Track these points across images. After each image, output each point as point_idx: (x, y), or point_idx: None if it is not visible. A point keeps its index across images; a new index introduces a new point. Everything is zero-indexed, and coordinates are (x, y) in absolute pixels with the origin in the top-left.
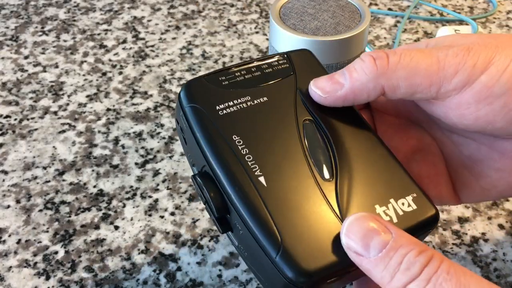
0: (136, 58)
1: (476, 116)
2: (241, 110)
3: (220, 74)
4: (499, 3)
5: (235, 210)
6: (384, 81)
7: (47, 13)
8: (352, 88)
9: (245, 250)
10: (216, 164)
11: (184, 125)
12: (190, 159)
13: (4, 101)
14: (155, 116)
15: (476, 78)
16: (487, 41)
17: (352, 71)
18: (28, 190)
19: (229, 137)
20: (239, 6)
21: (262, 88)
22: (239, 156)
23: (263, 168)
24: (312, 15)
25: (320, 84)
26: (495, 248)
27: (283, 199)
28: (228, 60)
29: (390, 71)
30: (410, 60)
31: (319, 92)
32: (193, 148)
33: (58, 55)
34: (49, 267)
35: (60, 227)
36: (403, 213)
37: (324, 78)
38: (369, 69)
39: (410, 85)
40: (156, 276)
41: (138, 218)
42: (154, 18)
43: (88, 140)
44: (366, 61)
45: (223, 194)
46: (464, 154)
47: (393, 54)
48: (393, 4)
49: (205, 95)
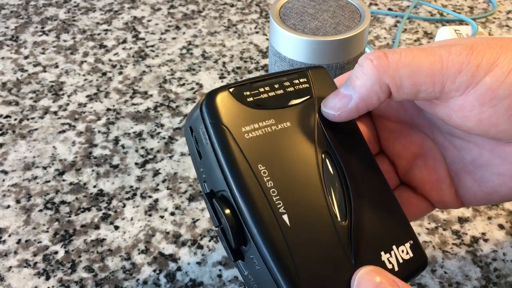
0: (136, 58)
1: (480, 118)
2: (266, 135)
3: (244, 87)
4: (499, 3)
5: (256, 246)
6: (387, 79)
7: (47, 13)
8: (360, 97)
9: (256, 282)
10: (240, 195)
11: (205, 141)
12: (203, 175)
13: (4, 101)
14: (155, 116)
15: (480, 79)
16: (490, 42)
17: (354, 80)
18: (28, 190)
19: (255, 165)
20: (239, 6)
21: (286, 111)
22: (265, 189)
23: (287, 205)
24: (312, 15)
25: (330, 104)
26: (495, 248)
27: (304, 240)
28: (228, 60)
29: (392, 69)
30: (412, 58)
31: (332, 111)
32: (211, 167)
33: (58, 55)
34: (49, 267)
35: (60, 227)
36: (402, 261)
37: (331, 96)
38: (370, 71)
39: (414, 83)
40: (156, 276)
41: (138, 218)
42: (154, 18)
43: (88, 140)
44: (364, 65)
45: (243, 225)
46: (466, 159)
47: (392, 52)
48: (393, 4)
49: (231, 112)
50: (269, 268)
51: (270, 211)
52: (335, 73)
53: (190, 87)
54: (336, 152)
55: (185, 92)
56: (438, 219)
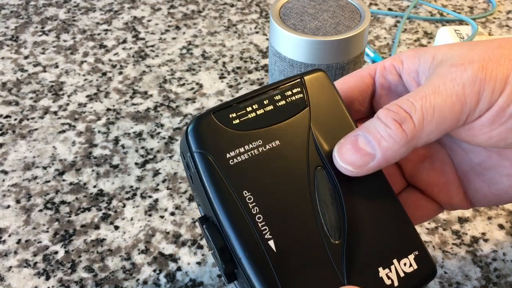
0: (136, 58)
1: (489, 136)
2: (252, 158)
3: (230, 109)
4: (499, 3)
5: (243, 272)
6: (415, 142)
7: (47, 13)
8: (385, 157)
9: None
10: (225, 223)
11: (192, 169)
12: (196, 199)
13: (4, 101)
14: (155, 116)
15: (494, 102)
16: (498, 55)
17: (380, 139)
18: (28, 190)
19: (240, 192)
20: (239, 6)
21: (274, 129)
22: (250, 215)
23: (273, 230)
24: (312, 15)
25: (349, 159)
26: (495, 248)
27: (292, 265)
28: (228, 60)
29: (418, 132)
30: (433, 112)
31: (350, 168)
32: (200, 193)
33: (58, 55)
34: (49, 267)
35: (60, 227)
36: (404, 275)
37: (350, 150)
38: (399, 137)
39: (440, 133)
40: (156, 276)
41: (138, 218)
42: (154, 18)
43: (88, 140)
44: (392, 127)
45: (230, 252)
46: (475, 161)
47: (414, 110)
48: (393, 4)
49: (215, 138)
50: None
51: (255, 238)
52: (335, 73)
53: (190, 87)
54: (329, 165)
55: (185, 92)
56: (438, 219)
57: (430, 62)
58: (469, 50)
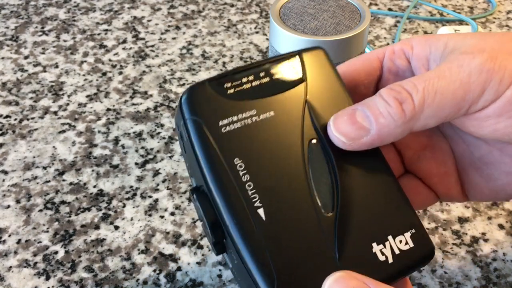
0: (136, 58)
1: (495, 128)
2: (245, 128)
3: (226, 79)
4: (499, 3)
5: (231, 241)
6: (412, 124)
7: (47, 13)
8: (379, 134)
9: (238, 276)
10: (215, 191)
11: (185, 137)
12: (189, 170)
13: (4, 101)
14: (155, 116)
15: (502, 93)
16: (509, 47)
17: (378, 115)
18: (28, 190)
19: (231, 160)
20: (239, 6)
21: (269, 100)
22: (240, 183)
23: (263, 199)
24: (312, 15)
25: (343, 129)
26: (495, 248)
27: (281, 235)
28: (228, 60)
29: (417, 114)
30: (434, 95)
31: (343, 138)
32: (192, 161)
33: (58, 55)
34: (49, 267)
35: (60, 227)
36: (400, 252)
37: (346, 121)
38: (397, 116)
39: (439, 119)
40: (156, 276)
41: (138, 218)
42: (154, 18)
43: (88, 140)
44: (392, 105)
45: (219, 220)
46: (475, 155)
47: (415, 91)
48: (393, 4)
49: (208, 106)
50: (243, 262)
51: (243, 205)
52: None
53: None
54: (325, 138)
55: None
56: (438, 219)
57: (442, 50)
58: (481, 40)
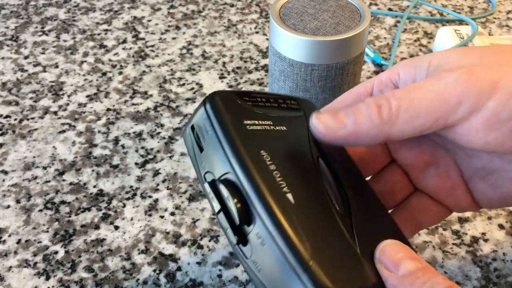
0: (136, 58)
1: (486, 141)
2: (265, 131)
3: (243, 94)
4: (499, 3)
5: (262, 221)
6: (387, 128)
7: (47, 13)
8: (355, 131)
9: (261, 264)
10: (244, 173)
11: (209, 131)
12: (204, 168)
13: (4, 101)
14: (155, 116)
15: (483, 105)
16: (489, 60)
17: (357, 113)
18: (28, 190)
19: (257, 151)
20: (239, 6)
21: (282, 118)
22: (268, 170)
23: (290, 186)
24: (312, 15)
25: (323, 119)
26: (495, 248)
27: (309, 218)
28: (228, 60)
29: (393, 118)
30: (409, 102)
31: (321, 126)
32: (214, 154)
33: (58, 55)
34: (49, 267)
35: (60, 227)
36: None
37: (328, 113)
38: (373, 116)
39: (414, 127)
40: (156, 276)
41: (138, 218)
42: (154, 18)
43: (88, 140)
44: (371, 107)
45: (248, 203)
46: (478, 165)
47: (393, 98)
48: (393, 4)
49: (233, 107)
50: (276, 242)
51: (273, 187)
52: (335, 73)
53: (190, 87)
54: (329, 159)
55: (185, 92)
56: None
57: (426, 69)
58: (463, 56)
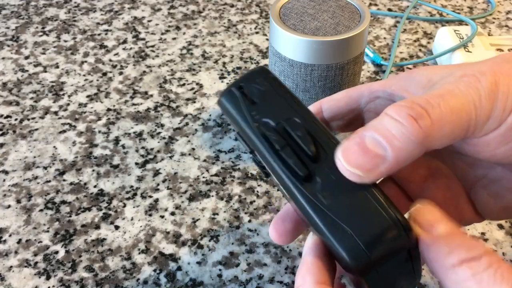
0: (136, 58)
1: (494, 153)
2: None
3: None
4: (498, 3)
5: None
6: (429, 142)
7: (47, 13)
8: (397, 159)
9: (332, 197)
10: (312, 118)
11: (266, 85)
12: (256, 118)
13: (5, 101)
14: (156, 116)
15: (503, 122)
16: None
17: (391, 139)
18: (29, 190)
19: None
20: (239, 7)
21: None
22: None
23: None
24: (312, 15)
25: (356, 162)
26: (495, 248)
27: None
28: (228, 60)
29: (435, 131)
30: (451, 111)
31: (358, 172)
32: (273, 103)
33: (59, 55)
34: (50, 266)
35: (61, 227)
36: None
37: (357, 152)
38: (415, 135)
39: (450, 139)
40: (156, 275)
41: (139, 218)
42: (154, 19)
43: (89, 140)
44: (406, 124)
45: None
46: (479, 175)
47: (431, 107)
48: (392, 4)
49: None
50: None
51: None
52: (334, 73)
53: (190, 87)
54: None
55: (185, 92)
56: None
57: (424, 85)
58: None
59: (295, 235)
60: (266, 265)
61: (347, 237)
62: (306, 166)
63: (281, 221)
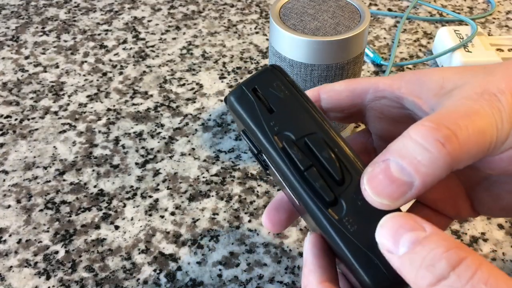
0: (136, 58)
1: (507, 169)
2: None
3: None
4: (498, 3)
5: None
6: (456, 164)
7: (47, 13)
8: (424, 184)
9: (356, 220)
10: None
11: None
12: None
13: (5, 101)
14: (156, 116)
15: None
16: None
17: (417, 165)
18: (29, 190)
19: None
20: (239, 7)
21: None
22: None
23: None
24: (312, 15)
25: (384, 192)
26: (495, 248)
27: None
28: (228, 60)
29: (463, 153)
30: (478, 132)
31: (386, 201)
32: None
33: (59, 55)
34: (50, 266)
35: (61, 227)
36: None
37: (383, 181)
38: (442, 160)
39: (475, 160)
40: (156, 275)
41: (139, 218)
42: (154, 19)
43: (89, 140)
44: (434, 150)
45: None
46: (481, 177)
47: (459, 129)
48: (392, 4)
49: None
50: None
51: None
52: (334, 73)
53: (190, 87)
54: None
55: (185, 92)
56: None
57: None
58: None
59: (288, 223)
60: (266, 265)
61: (373, 267)
62: (332, 189)
63: (275, 211)
